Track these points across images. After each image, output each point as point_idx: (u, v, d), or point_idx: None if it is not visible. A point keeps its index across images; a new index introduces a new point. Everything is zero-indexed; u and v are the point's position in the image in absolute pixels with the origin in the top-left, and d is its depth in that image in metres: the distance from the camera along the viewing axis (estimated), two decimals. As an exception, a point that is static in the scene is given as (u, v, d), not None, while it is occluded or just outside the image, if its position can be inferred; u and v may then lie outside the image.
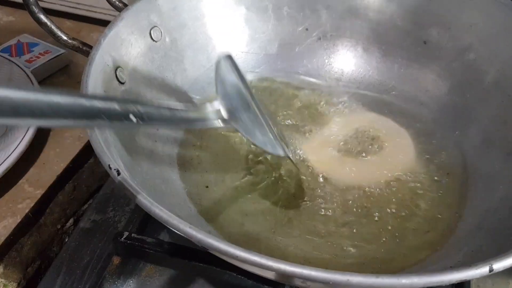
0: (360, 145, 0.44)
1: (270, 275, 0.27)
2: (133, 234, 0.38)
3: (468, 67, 0.44)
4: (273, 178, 0.41)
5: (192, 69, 0.47)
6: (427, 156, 0.43)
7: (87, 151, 0.49)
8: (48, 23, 0.36)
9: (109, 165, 0.27)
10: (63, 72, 0.59)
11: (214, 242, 0.22)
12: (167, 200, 0.36)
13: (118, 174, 0.26)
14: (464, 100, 0.44)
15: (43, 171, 0.45)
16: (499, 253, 0.26)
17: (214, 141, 0.44)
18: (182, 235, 0.24)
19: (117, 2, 0.42)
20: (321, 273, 0.21)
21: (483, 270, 0.22)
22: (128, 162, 0.33)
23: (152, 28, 0.42)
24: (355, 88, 0.50)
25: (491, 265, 0.23)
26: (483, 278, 0.38)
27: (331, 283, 0.22)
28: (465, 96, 0.44)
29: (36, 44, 0.60)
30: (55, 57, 0.58)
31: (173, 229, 0.24)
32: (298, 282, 0.26)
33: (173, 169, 0.41)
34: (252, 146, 0.43)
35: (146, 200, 0.25)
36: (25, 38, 0.61)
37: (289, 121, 0.46)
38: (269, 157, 0.42)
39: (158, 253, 0.37)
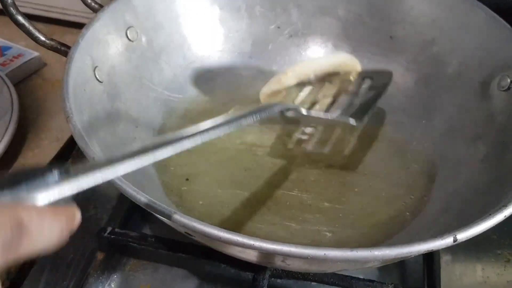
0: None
1: (252, 256, 0.29)
2: (116, 229, 0.38)
3: (432, 60, 0.47)
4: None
5: (168, 69, 0.48)
6: (397, 145, 0.45)
7: (65, 151, 0.50)
8: (26, 24, 0.36)
9: (93, 158, 0.28)
10: (37, 75, 0.59)
11: (200, 226, 0.24)
12: (150, 194, 0.37)
13: (103, 166, 0.27)
14: (430, 91, 0.47)
15: (22, 173, 0.45)
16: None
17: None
18: (169, 222, 0.25)
19: (92, 3, 0.43)
20: (300, 250, 0.23)
21: (448, 240, 0.24)
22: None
23: (128, 28, 0.43)
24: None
25: (455, 235, 0.24)
26: (451, 265, 0.40)
27: (309, 257, 0.23)
28: (430, 87, 0.47)
29: (8, 48, 0.60)
30: (29, 60, 0.58)
31: (161, 217, 0.25)
32: (278, 261, 0.28)
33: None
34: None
35: (132, 190, 0.27)
36: (-3, 41, 0.61)
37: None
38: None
39: (143, 246, 0.38)
